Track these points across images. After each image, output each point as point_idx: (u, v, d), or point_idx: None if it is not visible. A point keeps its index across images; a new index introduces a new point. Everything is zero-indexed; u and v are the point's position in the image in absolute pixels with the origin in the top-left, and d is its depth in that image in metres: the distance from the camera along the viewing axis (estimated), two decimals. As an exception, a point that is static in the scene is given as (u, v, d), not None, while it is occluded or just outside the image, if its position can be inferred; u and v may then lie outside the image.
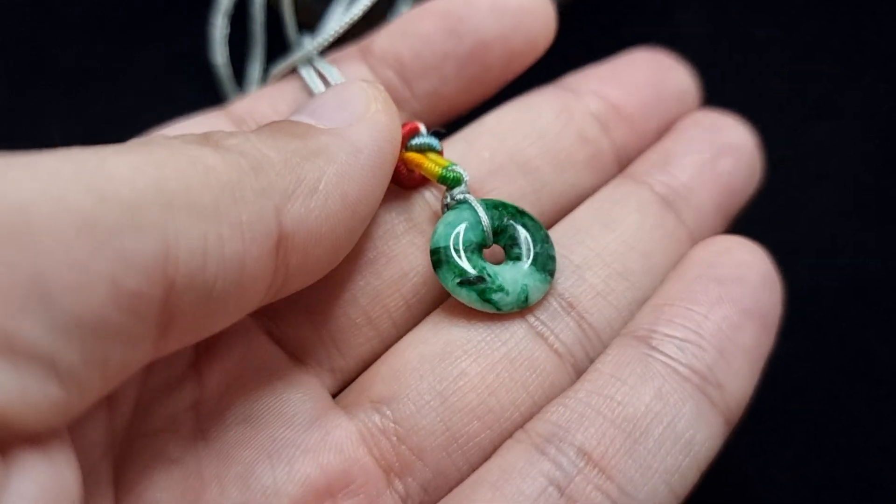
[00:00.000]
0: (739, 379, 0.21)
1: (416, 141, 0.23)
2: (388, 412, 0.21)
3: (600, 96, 0.25)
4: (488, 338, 0.21)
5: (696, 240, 0.24)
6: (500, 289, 0.21)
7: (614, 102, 0.25)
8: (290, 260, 0.18)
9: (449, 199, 0.22)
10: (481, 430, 0.20)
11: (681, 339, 0.21)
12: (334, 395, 0.22)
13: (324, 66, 0.24)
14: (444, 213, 0.22)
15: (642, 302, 0.22)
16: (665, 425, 0.20)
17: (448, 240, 0.22)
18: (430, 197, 0.23)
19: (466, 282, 0.21)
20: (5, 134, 0.33)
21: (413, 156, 0.22)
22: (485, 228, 0.22)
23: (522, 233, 0.22)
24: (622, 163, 0.25)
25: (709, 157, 0.25)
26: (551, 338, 0.22)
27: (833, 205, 0.34)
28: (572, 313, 0.22)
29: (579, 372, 0.21)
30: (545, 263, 0.22)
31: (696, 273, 0.22)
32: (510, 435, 0.21)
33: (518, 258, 0.22)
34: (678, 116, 0.26)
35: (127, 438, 0.19)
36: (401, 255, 0.22)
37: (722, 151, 0.25)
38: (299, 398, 0.21)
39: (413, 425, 0.20)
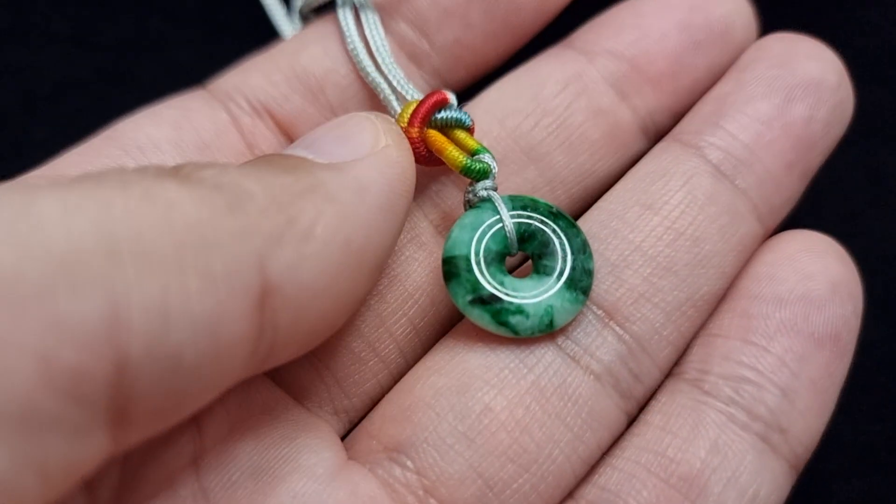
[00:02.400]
0: (807, 419, 0.19)
1: (442, 115, 0.19)
2: (409, 462, 0.18)
3: (615, 55, 0.21)
4: (512, 364, 0.18)
5: (762, 211, 0.20)
6: (520, 310, 0.18)
7: (633, 61, 0.21)
8: (279, 320, 0.15)
9: (471, 196, 0.19)
10: (519, 474, 0.18)
11: (736, 381, 0.19)
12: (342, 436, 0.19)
13: (367, 11, 0.20)
14: (465, 209, 0.19)
15: (697, 301, 0.19)
16: (725, 482, 0.18)
17: (463, 247, 0.19)
18: (427, 205, 0.20)
19: (479, 300, 0.18)
20: None
21: (435, 136, 0.19)
22: (508, 235, 0.19)
23: (555, 240, 0.19)
24: (654, 133, 0.22)
25: (777, 104, 0.21)
26: (586, 358, 0.19)
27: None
28: (610, 324, 0.19)
29: (624, 393, 0.19)
30: (579, 280, 0.19)
31: (754, 291, 0.19)
32: (553, 479, 0.18)
33: (547, 272, 0.19)
34: (730, 56, 0.22)
35: None
36: (402, 273, 0.20)
37: (795, 92, 0.21)
38: (316, 445, 0.18)
39: (439, 475, 0.18)
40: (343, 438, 0.19)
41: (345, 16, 0.21)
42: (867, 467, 0.26)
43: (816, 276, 0.19)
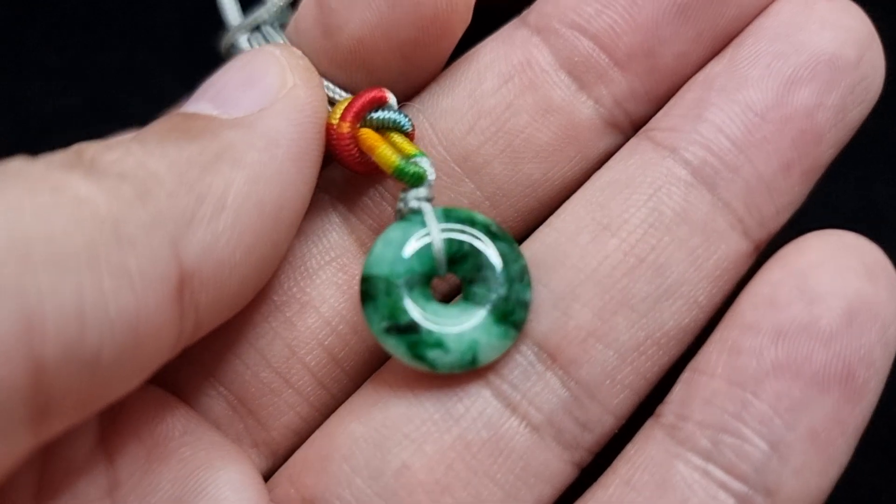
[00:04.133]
0: (803, 477, 0.16)
1: (378, 115, 0.17)
2: None
3: (575, 30, 0.18)
4: (437, 415, 0.17)
5: (749, 224, 0.17)
6: (439, 343, 0.16)
7: (597, 37, 0.18)
8: (200, 300, 0.15)
9: (402, 205, 0.17)
10: None
11: (717, 431, 0.16)
12: (267, 476, 0.18)
13: (274, 34, 0.18)
14: (397, 219, 0.17)
15: (661, 338, 0.17)
16: None
17: (384, 266, 0.17)
18: (354, 219, 0.18)
19: (396, 328, 0.16)
20: None
21: (368, 135, 0.17)
22: (436, 256, 0.17)
23: (490, 264, 0.17)
24: (628, 124, 0.18)
25: (776, 89, 0.17)
26: (524, 405, 0.17)
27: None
28: (553, 367, 0.17)
29: (568, 444, 0.17)
30: (511, 312, 0.17)
31: (749, 320, 0.16)
32: None
33: (476, 300, 0.17)
34: (732, 22, 0.18)
35: None
36: (318, 298, 0.18)
37: (800, 73, 0.17)
38: (238, 481, 0.17)
39: None
40: (267, 478, 0.18)
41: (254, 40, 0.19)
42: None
43: (827, 300, 0.16)
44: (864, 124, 0.18)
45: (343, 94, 0.18)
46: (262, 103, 0.16)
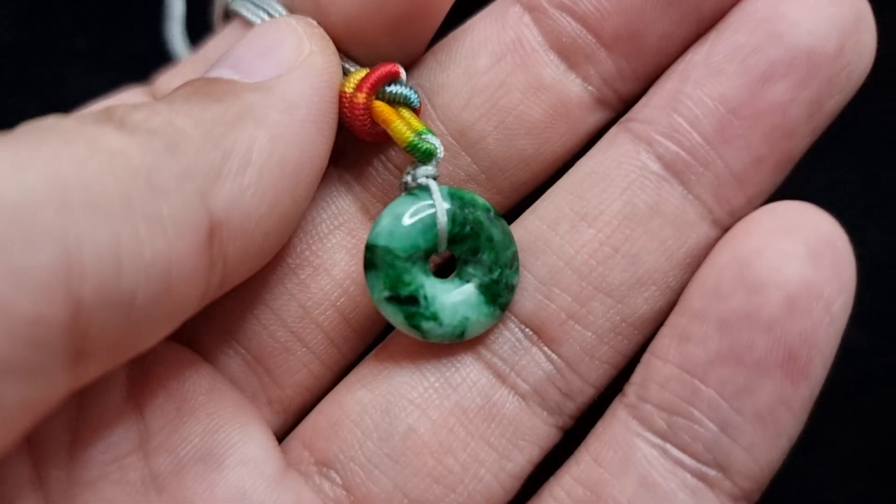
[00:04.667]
0: (753, 453, 0.17)
1: (391, 89, 0.18)
2: (337, 478, 0.18)
3: (563, 10, 0.18)
4: (437, 383, 0.18)
5: (719, 215, 0.18)
6: (434, 317, 0.18)
7: (585, 18, 0.18)
8: (228, 251, 0.16)
9: (409, 179, 0.18)
10: (445, 494, 0.18)
11: (671, 413, 0.17)
12: (279, 435, 0.19)
13: (271, 4, 0.19)
14: (400, 192, 0.18)
15: (636, 321, 0.18)
16: None
17: (389, 238, 0.18)
18: (358, 187, 0.19)
19: (396, 298, 0.18)
20: None
21: (382, 108, 0.18)
22: (439, 233, 0.18)
23: (486, 248, 0.18)
24: (617, 101, 0.19)
25: (749, 85, 0.17)
26: (512, 377, 0.18)
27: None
28: (539, 343, 0.18)
29: (553, 410, 0.18)
30: (499, 295, 0.18)
31: (696, 307, 0.17)
32: (482, 498, 0.18)
33: (470, 279, 0.18)
34: (714, 11, 0.18)
35: (63, 490, 0.16)
36: (329, 262, 0.19)
37: (776, 68, 0.17)
38: (261, 438, 0.18)
39: (366, 493, 0.18)
40: (281, 439, 0.19)
41: (253, 13, 0.19)
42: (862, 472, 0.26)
43: (768, 287, 0.16)
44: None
45: (355, 65, 0.19)
46: (280, 69, 0.17)
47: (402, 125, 0.18)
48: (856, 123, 0.21)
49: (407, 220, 0.18)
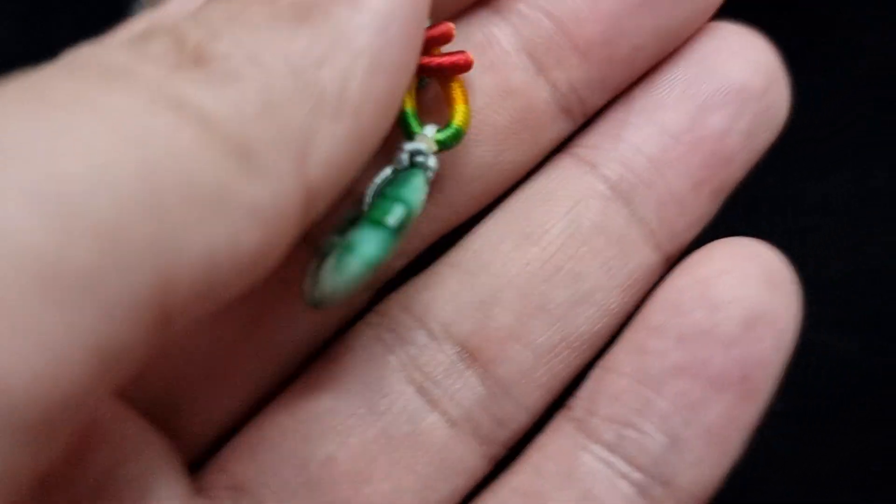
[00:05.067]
0: (698, 470, 0.17)
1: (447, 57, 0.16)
2: (249, 503, 0.17)
3: (540, 12, 0.18)
4: (361, 409, 0.17)
5: (660, 238, 0.18)
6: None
7: (560, 21, 0.18)
8: (319, 207, 0.13)
9: (423, 160, 0.17)
10: None
11: (621, 425, 0.17)
12: (197, 460, 0.18)
13: None
14: (396, 166, 0.17)
15: (574, 341, 0.18)
16: None
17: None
18: None
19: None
20: None
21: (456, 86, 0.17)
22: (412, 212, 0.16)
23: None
24: (579, 112, 0.19)
25: (690, 113, 0.18)
26: (444, 401, 0.18)
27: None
28: (474, 366, 0.18)
29: (484, 439, 0.18)
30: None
31: (655, 322, 0.17)
32: None
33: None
34: (686, 20, 0.18)
35: None
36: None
37: (713, 99, 0.18)
38: (167, 468, 0.16)
39: None
40: (200, 463, 0.18)
41: None
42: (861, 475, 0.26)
43: (729, 307, 0.17)
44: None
45: None
46: None
47: (462, 103, 0.17)
48: (851, 129, 0.21)
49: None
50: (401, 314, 0.18)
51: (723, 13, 0.19)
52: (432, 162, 0.17)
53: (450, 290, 0.18)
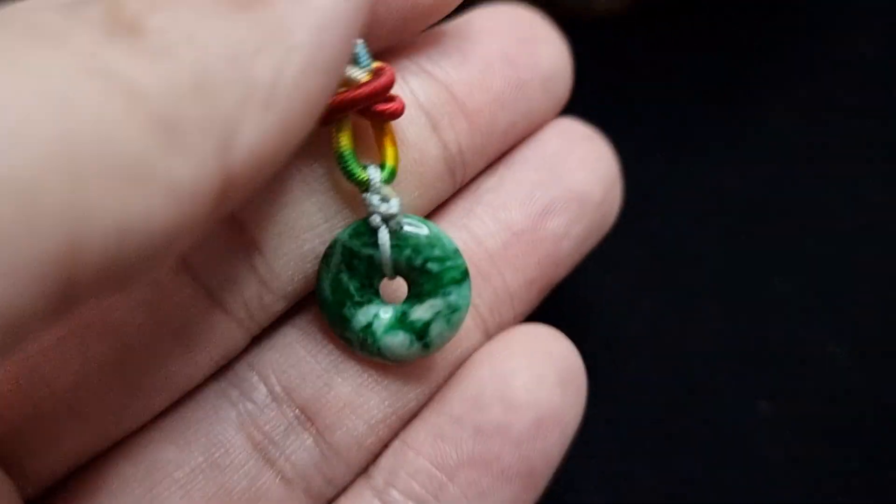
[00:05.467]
0: None
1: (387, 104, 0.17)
2: None
3: (443, 75, 0.18)
4: (204, 464, 0.18)
5: (489, 326, 0.19)
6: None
7: (452, 89, 0.18)
8: (235, 196, 0.13)
9: (387, 210, 0.17)
10: None
11: (416, 503, 0.18)
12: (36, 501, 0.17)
13: None
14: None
15: (404, 414, 0.19)
16: None
17: None
18: None
19: None
20: None
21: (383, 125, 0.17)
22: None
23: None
24: (461, 175, 0.19)
25: (533, 214, 0.19)
26: (281, 461, 0.18)
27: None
28: (311, 429, 0.18)
29: (315, 497, 0.18)
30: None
31: (455, 412, 0.18)
32: None
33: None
34: (548, 107, 0.20)
35: None
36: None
37: (555, 204, 0.19)
38: None
39: None
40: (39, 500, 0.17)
41: None
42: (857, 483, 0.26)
43: (523, 410, 0.18)
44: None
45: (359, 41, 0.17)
46: None
47: (392, 148, 0.17)
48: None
49: None
50: (247, 372, 0.18)
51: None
52: (400, 218, 0.17)
53: (296, 354, 0.18)
